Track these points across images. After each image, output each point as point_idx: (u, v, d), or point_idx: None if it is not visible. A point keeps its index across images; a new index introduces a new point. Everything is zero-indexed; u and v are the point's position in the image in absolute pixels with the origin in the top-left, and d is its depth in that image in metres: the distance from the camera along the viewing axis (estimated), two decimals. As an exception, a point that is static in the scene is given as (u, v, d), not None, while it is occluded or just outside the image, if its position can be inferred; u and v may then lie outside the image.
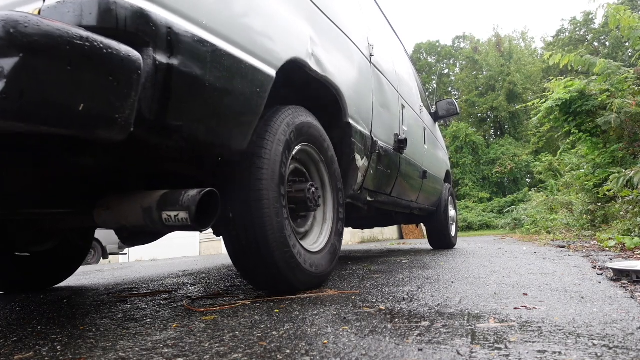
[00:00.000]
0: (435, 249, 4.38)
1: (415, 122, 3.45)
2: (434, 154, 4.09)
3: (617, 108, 5.60)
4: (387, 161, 2.59)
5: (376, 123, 2.42)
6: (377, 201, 2.68)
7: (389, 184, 2.77)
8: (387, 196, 2.83)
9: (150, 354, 0.88)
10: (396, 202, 3.08)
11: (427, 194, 3.79)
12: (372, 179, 2.42)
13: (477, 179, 26.75)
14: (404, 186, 3.10)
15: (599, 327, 0.96)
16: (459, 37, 38.72)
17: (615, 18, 5.67)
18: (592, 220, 6.51)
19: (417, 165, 3.34)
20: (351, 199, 2.27)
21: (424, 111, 3.88)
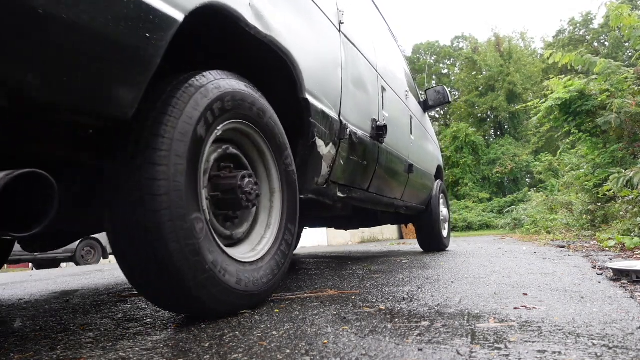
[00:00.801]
0: (426, 252, 4.07)
1: (399, 108, 3.06)
2: (422, 146, 3.69)
3: (617, 108, 5.60)
4: (361, 150, 2.23)
5: (347, 104, 2.05)
6: (352, 198, 2.32)
7: (365, 177, 2.41)
8: (364, 192, 2.47)
9: (150, 354, 0.88)
10: (376, 199, 2.74)
11: (414, 190, 3.44)
12: (342, 170, 2.06)
13: (477, 179, 26.75)
14: (385, 181, 2.76)
15: (598, 327, 0.96)
16: (458, 38, 38.73)
17: (616, 17, 5.67)
18: (592, 220, 6.51)
19: (402, 158, 2.98)
20: (315, 194, 1.92)
21: (410, 98, 3.48)
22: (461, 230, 21.50)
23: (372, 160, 2.41)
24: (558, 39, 31.23)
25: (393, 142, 2.72)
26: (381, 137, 2.41)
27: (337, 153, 1.96)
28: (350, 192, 2.27)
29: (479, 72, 31.74)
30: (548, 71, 25.88)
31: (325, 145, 1.84)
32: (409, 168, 3.16)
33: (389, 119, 2.66)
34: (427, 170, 3.83)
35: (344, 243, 9.72)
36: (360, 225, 4.02)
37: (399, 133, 2.93)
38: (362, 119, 2.26)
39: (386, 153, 2.60)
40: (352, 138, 2.08)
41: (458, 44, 38.67)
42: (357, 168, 2.25)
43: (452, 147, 27.09)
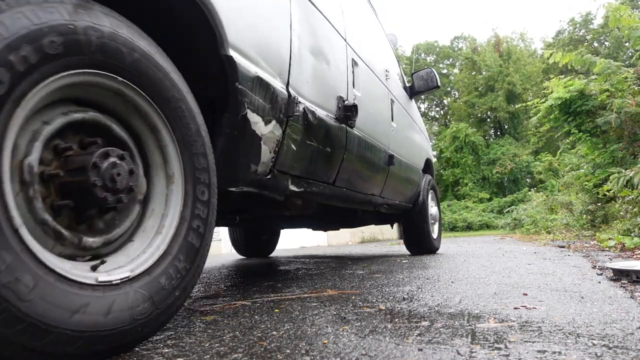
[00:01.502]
0: (414, 254, 3.70)
1: (377, 89, 2.61)
2: (407, 135, 3.27)
3: (617, 108, 5.60)
4: (322, 134, 1.81)
5: (299, 74, 1.64)
6: (312, 193, 1.90)
7: (330, 168, 2.00)
8: (329, 186, 2.05)
9: (150, 354, 0.88)
10: (347, 195, 2.31)
11: (397, 186, 3.03)
12: (294, 158, 1.65)
13: (477, 179, 26.77)
14: (358, 173, 2.34)
15: (598, 327, 0.96)
16: (457, 38, 38.76)
17: (615, 18, 5.67)
18: (592, 220, 6.51)
19: (380, 147, 2.55)
20: (254, 186, 1.51)
21: (393, 80, 3.04)
22: (461, 230, 21.52)
23: (339, 147, 2.00)
24: (558, 39, 31.27)
25: (368, 128, 2.33)
26: (350, 120, 2.00)
27: (284, 134, 1.53)
28: (310, 185, 1.85)
29: (479, 73, 31.77)
30: (548, 71, 25.91)
31: (264, 123, 1.41)
32: (389, 159, 2.73)
33: (362, 100, 2.24)
34: (413, 163, 3.41)
35: (344, 243, 9.72)
36: (342, 225, 3.68)
37: (376, 118, 2.52)
38: (324, 96, 1.85)
39: (358, 140, 2.20)
40: (308, 117, 1.66)
41: (457, 44, 38.69)
42: (318, 156, 1.84)
43: (452, 147, 27.09)
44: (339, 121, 1.96)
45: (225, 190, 1.37)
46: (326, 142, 1.88)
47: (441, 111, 40.87)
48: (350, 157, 2.14)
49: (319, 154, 1.85)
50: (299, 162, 1.72)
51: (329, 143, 1.90)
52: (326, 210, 2.69)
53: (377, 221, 3.79)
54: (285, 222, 3.63)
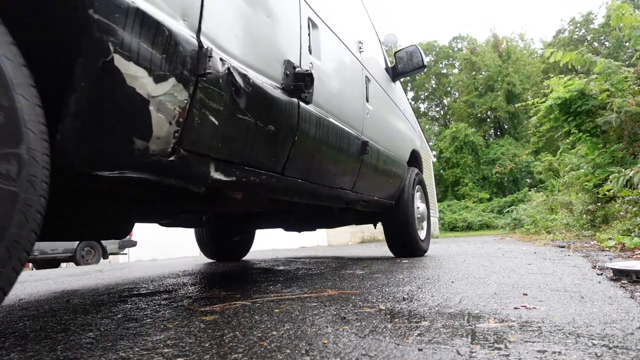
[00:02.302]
0: (397, 256, 3.35)
1: (345, 60, 2.24)
2: (387, 121, 2.86)
3: (617, 108, 5.61)
4: (261, 107, 1.42)
5: (221, 21, 1.27)
6: (251, 184, 1.51)
7: (275, 152, 1.59)
8: (277, 176, 1.65)
9: (150, 354, 0.88)
10: (304, 188, 1.90)
11: (374, 179, 2.65)
12: (217, 135, 1.26)
13: (477, 179, 26.76)
14: (316, 161, 1.93)
15: (598, 327, 0.96)
16: (456, 38, 38.78)
17: (617, 16, 5.67)
18: (592, 220, 6.51)
19: (348, 131, 2.14)
20: (145, 171, 1.11)
21: (369, 54, 2.66)
22: (461, 230, 21.53)
23: (288, 127, 1.60)
24: (558, 39, 31.28)
25: (332, 106, 1.96)
26: (303, 92, 1.61)
27: (193, 100, 1.14)
28: (246, 174, 1.45)
29: (478, 73, 31.77)
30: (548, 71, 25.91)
31: (153, 80, 1.01)
32: (362, 147, 2.33)
33: (323, 71, 1.90)
34: (395, 153, 2.99)
35: (344, 243, 9.73)
36: (317, 225, 3.31)
37: (343, 95, 2.14)
38: (264, 57, 1.47)
39: (317, 120, 1.80)
40: (237, 82, 1.28)
41: (457, 44, 38.71)
42: (256, 135, 1.43)
43: (452, 147, 27.09)
44: (288, 93, 1.57)
45: (93, 175, 1.00)
46: (268, 118, 1.47)
47: (441, 111, 40.89)
48: (304, 140, 1.72)
49: (257, 134, 1.43)
50: (226, 143, 1.31)
51: (273, 120, 1.49)
52: (291, 208, 2.38)
53: (357, 220, 3.43)
54: (253, 222, 3.28)
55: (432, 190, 18.23)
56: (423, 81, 39.02)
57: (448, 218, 22.24)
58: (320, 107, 1.84)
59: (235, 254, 3.94)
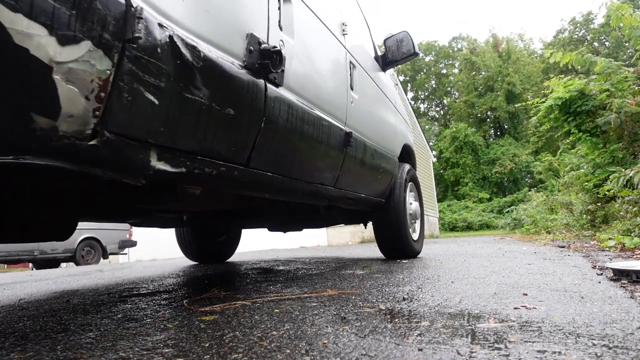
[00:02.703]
0: (389, 258, 3.17)
1: (325, 40, 2.03)
2: (375, 113, 2.66)
3: (617, 108, 5.61)
4: (217, 86, 1.22)
5: None
6: (207, 176, 1.31)
7: (237, 140, 1.38)
8: (241, 168, 1.44)
9: (150, 354, 0.88)
10: (274, 183, 1.67)
11: (360, 174, 2.45)
12: (158, 117, 1.06)
13: (477, 179, 26.76)
14: (289, 152, 1.71)
15: (598, 327, 0.96)
16: (456, 38, 38.81)
17: (617, 17, 5.68)
18: (592, 220, 6.52)
19: (328, 120, 1.93)
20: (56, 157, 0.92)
21: (354, 38, 2.44)
22: (461, 230, 21.54)
23: (252, 111, 1.39)
24: (558, 39, 31.31)
25: (308, 91, 1.76)
26: (270, 72, 1.41)
27: (120, 71, 0.94)
28: (199, 164, 1.24)
29: (478, 73, 31.79)
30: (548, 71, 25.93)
31: (58, 41, 0.83)
32: (346, 138, 2.13)
33: (297, 51, 1.69)
34: (385, 147, 2.78)
35: (344, 243, 9.73)
36: (304, 224, 3.12)
37: (322, 80, 1.95)
38: (220, 28, 1.27)
39: (288, 105, 1.58)
40: (183, 54, 1.08)
41: (456, 44, 38.74)
42: (210, 119, 1.22)
43: (452, 147, 27.09)
44: (252, 72, 1.36)
45: None
46: (226, 100, 1.26)
47: (441, 111, 40.89)
48: (273, 127, 1.50)
49: (212, 118, 1.23)
50: (171, 127, 1.10)
51: (232, 102, 1.28)
52: (271, 206, 2.20)
53: (347, 220, 3.27)
54: (233, 221, 3.11)
55: (432, 190, 18.23)
56: (423, 81, 39.05)
57: (448, 218, 22.26)
58: (294, 92, 1.63)
59: (219, 255, 3.74)
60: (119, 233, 9.43)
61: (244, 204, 2.04)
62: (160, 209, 2.08)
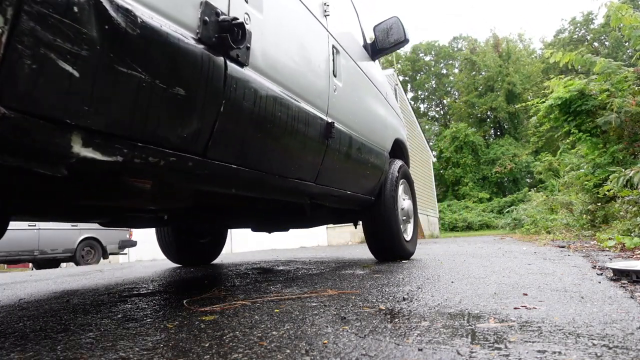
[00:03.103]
0: (380, 260, 3.02)
1: (302, 21, 1.85)
2: (362, 103, 2.48)
3: (617, 108, 5.61)
4: (156, 58, 1.03)
5: None
6: (156, 167, 1.13)
7: (188, 126, 1.17)
8: (195, 159, 1.24)
9: (150, 354, 0.88)
10: (241, 176, 1.48)
11: (345, 169, 2.26)
12: (77, 91, 0.88)
13: (477, 179, 26.78)
14: (260, 143, 1.51)
15: (598, 327, 0.96)
16: (456, 38, 38.82)
17: (616, 17, 5.68)
18: (592, 220, 6.52)
19: (304, 109, 1.73)
20: None
21: (337, 22, 2.27)
22: (461, 230, 21.55)
23: (208, 92, 1.19)
24: (558, 39, 31.33)
25: (281, 75, 1.58)
26: (232, 49, 1.25)
27: (17, 30, 0.77)
28: (140, 152, 1.06)
29: (478, 73, 31.81)
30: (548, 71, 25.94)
31: None
32: (327, 129, 1.95)
33: (267, 28, 1.50)
34: (374, 141, 2.59)
35: (344, 243, 9.73)
36: (289, 224, 2.98)
37: (298, 63, 1.74)
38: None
39: (256, 88, 1.39)
40: (110, 15, 0.92)
41: (457, 44, 38.76)
42: (152, 99, 1.04)
43: (452, 147, 27.10)
44: (209, 47, 1.18)
45: None
46: (173, 77, 1.08)
47: (441, 111, 40.90)
48: (236, 112, 1.32)
49: (155, 97, 1.04)
50: (100, 106, 0.93)
51: (182, 80, 1.11)
52: (250, 204, 2.08)
53: (335, 219, 3.11)
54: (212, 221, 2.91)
55: (432, 190, 18.24)
56: (423, 81, 39.05)
57: (448, 218, 22.26)
58: (264, 74, 1.46)
59: (203, 257, 3.57)
60: (119, 233, 9.43)
61: (211, 201, 1.85)
62: (135, 208, 1.93)
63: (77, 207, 1.78)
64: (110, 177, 1.15)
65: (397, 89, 14.52)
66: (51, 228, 8.26)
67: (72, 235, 8.69)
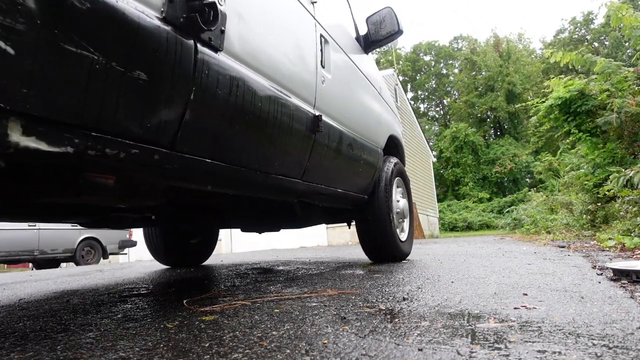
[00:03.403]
0: (375, 262, 2.92)
1: (286, 6, 1.74)
2: (353, 96, 2.37)
3: (617, 108, 5.61)
4: (111, 36, 0.92)
5: None
6: (116, 160, 1.01)
7: (152, 114, 1.06)
8: (163, 151, 1.13)
9: (150, 354, 0.88)
10: (216, 172, 1.37)
11: (335, 166, 2.16)
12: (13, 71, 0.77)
13: (477, 179, 26.79)
14: (237, 135, 1.38)
15: (598, 327, 0.96)
16: (456, 38, 38.84)
17: (617, 17, 5.68)
18: (592, 220, 6.52)
19: (288, 100, 1.62)
20: None
21: (326, 11, 2.16)
22: (461, 230, 21.56)
23: (175, 78, 1.08)
24: (558, 39, 31.35)
25: (261, 62, 1.45)
26: (203, 31, 1.13)
27: None
28: (95, 143, 0.95)
29: (478, 73, 31.82)
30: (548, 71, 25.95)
31: None
32: (314, 122, 1.83)
33: (244, 11, 1.39)
34: (366, 137, 2.48)
35: (344, 243, 9.73)
36: (279, 225, 2.88)
37: (280, 50, 1.61)
38: None
39: (232, 75, 1.28)
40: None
41: (457, 44, 38.78)
42: (109, 82, 0.93)
43: (452, 147, 27.11)
44: (177, 29, 1.07)
45: None
46: (134, 60, 0.97)
47: (441, 111, 40.91)
48: (208, 100, 1.20)
49: (113, 81, 0.94)
50: (42, 88, 0.82)
51: (145, 63, 1.00)
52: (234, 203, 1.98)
53: (328, 219, 2.99)
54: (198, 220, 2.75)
55: (432, 190, 18.24)
56: (423, 81, 39.05)
57: (448, 218, 22.27)
58: (242, 61, 1.35)
59: (193, 258, 3.45)
60: (119, 233, 9.44)
61: (189, 198, 1.73)
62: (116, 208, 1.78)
63: (46, 207, 1.64)
64: (65, 171, 1.04)
65: (397, 89, 14.53)
66: (51, 228, 8.26)
67: (72, 235, 8.69)
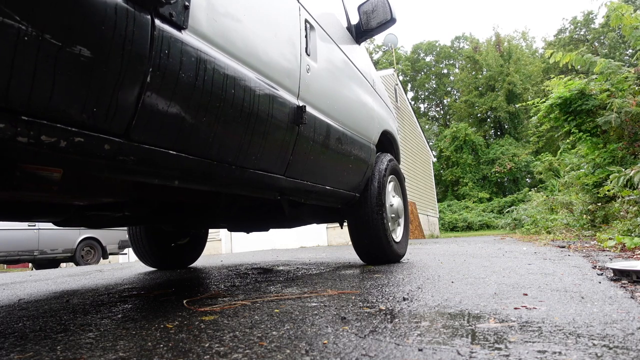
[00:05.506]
0: (368, 263, 2.81)
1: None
2: (343, 88, 2.22)
3: (617, 108, 5.61)
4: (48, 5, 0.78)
5: None
6: (53, 148, 0.87)
7: (99, 98, 0.91)
8: (116, 141, 0.99)
9: (150, 354, 0.88)
10: (183, 166, 1.22)
11: (322, 161, 2.01)
12: None
13: (477, 179, 26.80)
14: (206, 124, 1.23)
15: (599, 327, 0.96)
16: (458, 38, 38.84)
17: (616, 17, 5.68)
18: (592, 220, 6.51)
19: (266, 87, 1.49)
20: None
21: (314, 1, 2.02)
22: (461, 230, 21.57)
23: (127, 57, 0.95)
24: (559, 38, 31.36)
25: (237, 47, 1.33)
26: (161, 5, 1.02)
27: None
28: (28, 129, 0.82)
29: (479, 72, 31.83)
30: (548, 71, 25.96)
31: None
32: (297, 113, 1.69)
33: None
34: (357, 132, 2.34)
35: (344, 243, 9.73)
36: (268, 224, 2.78)
37: (259, 34, 1.47)
38: None
39: (199, 57, 1.15)
40: None
41: (458, 44, 38.79)
42: (45, 60, 0.80)
43: (452, 146, 27.13)
44: (129, 1, 0.94)
45: None
46: (75, 33, 0.84)
47: (441, 111, 40.91)
48: (169, 84, 1.06)
49: (48, 57, 0.80)
50: None
51: (88, 38, 0.86)
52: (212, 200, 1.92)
53: (318, 219, 2.87)
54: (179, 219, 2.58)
55: (432, 190, 18.24)
56: (423, 81, 39.05)
57: (448, 218, 22.27)
58: (210, 42, 1.20)
59: (181, 260, 3.32)
60: (119, 233, 9.43)
61: (159, 194, 1.58)
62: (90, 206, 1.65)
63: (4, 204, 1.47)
64: None
65: (397, 89, 14.53)
66: (51, 228, 8.26)
67: (72, 235, 8.69)
